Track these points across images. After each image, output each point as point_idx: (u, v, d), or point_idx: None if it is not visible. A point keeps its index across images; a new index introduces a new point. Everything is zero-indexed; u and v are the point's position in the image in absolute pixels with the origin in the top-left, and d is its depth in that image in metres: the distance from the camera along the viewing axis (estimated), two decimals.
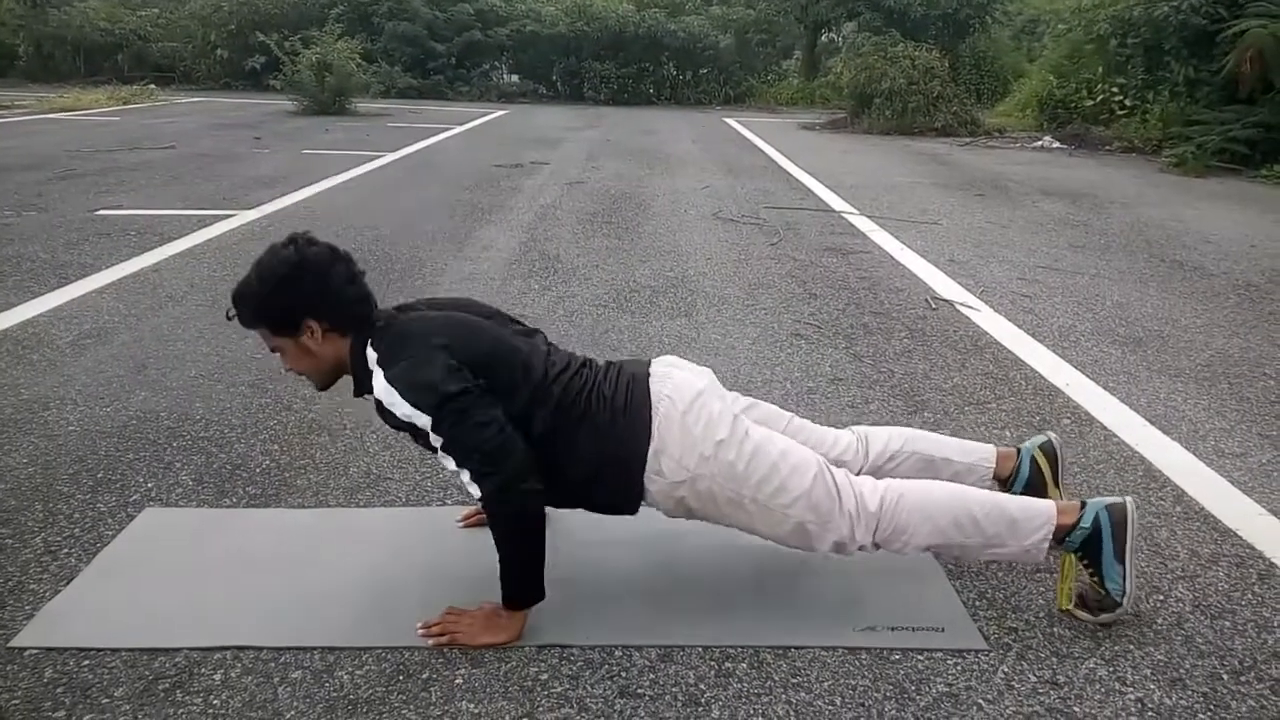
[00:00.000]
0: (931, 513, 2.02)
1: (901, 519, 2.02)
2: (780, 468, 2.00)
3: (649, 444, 1.98)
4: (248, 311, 2.01)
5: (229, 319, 2.05)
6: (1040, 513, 2.04)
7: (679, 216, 6.91)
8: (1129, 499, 2.04)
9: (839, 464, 2.22)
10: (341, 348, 2.02)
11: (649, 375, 2.09)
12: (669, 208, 7.29)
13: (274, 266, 1.97)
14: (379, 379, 1.91)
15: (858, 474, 2.22)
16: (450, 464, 1.88)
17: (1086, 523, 2.01)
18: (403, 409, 1.88)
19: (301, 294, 1.96)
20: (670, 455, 1.98)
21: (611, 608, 2.07)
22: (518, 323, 2.20)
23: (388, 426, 1.98)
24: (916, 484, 2.11)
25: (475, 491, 1.87)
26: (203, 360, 3.59)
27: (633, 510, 2.08)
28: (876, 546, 2.05)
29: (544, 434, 1.96)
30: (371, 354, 1.95)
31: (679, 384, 2.06)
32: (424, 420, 1.86)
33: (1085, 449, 2.98)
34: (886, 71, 14.61)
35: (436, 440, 1.87)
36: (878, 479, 2.19)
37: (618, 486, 2.03)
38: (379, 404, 1.93)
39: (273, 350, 2.07)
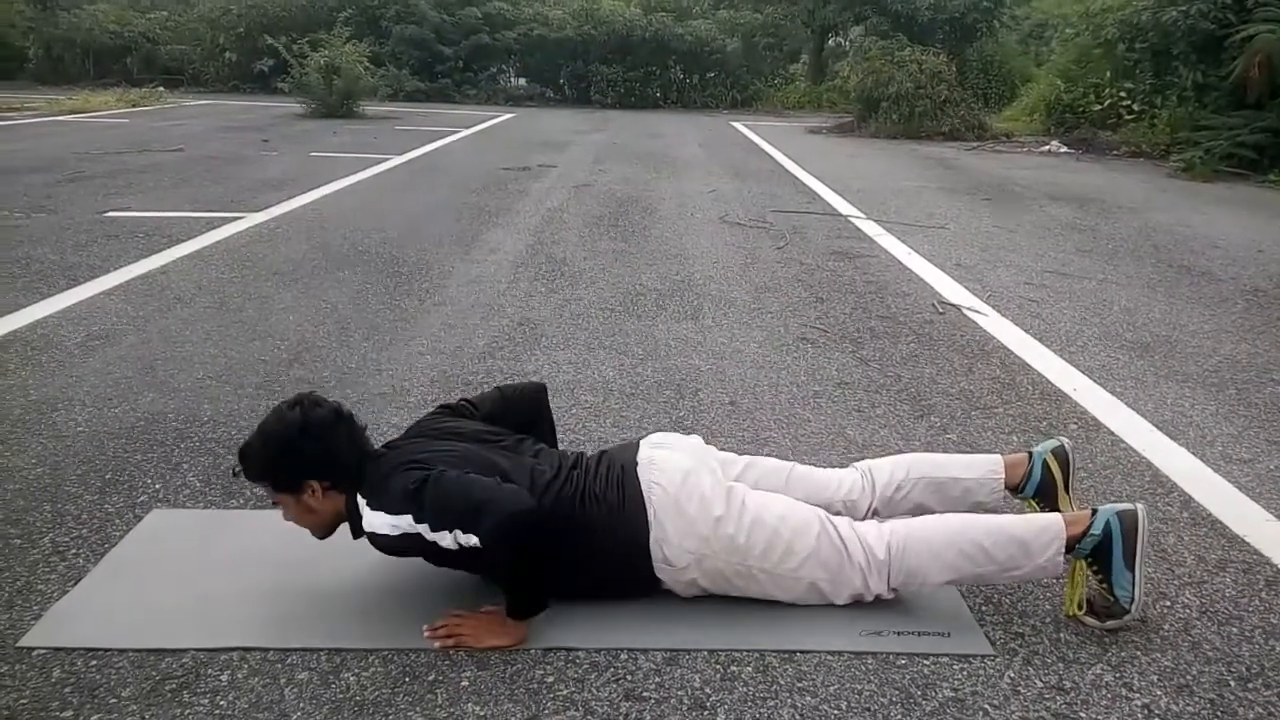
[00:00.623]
0: (938, 550, 2.03)
1: (911, 562, 2.03)
2: (782, 532, 2.02)
3: (649, 535, 2.00)
4: (253, 470, 2.04)
5: (235, 475, 2.09)
6: (1048, 528, 2.04)
7: (686, 220, 6.91)
8: (1140, 506, 2.04)
9: (848, 505, 2.24)
10: (339, 503, 2.05)
11: (636, 464, 2.10)
12: (676, 211, 7.29)
13: (279, 431, 2.01)
14: (367, 514, 1.95)
15: (867, 511, 2.24)
16: (447, 540, 1.87)
17: (1097, 529, 2.01)
18: (385, 523, 1.91)
19: (304, 458, 1.99)
20: (671, 542, 2.00)
21: (617, 611, 2.07)
22: (500, 435, 2.19)
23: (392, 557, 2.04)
24: (920, 524, 2.11)
25: (474, 542, 1.85)
26: (210, 362, 3.60)
27: (654, 591, 2.08)
28: (894, 592, 2.07)
29: (541, 546, 1.95)
30: (362, 500, 1.99)
31: (665, 467, 2.07)
32: (407, 520, 1.89)
33: (1092, 454, 2.98)
34: (893, 75, 14.61)
35: (423, 527, 1.88)
36: (889, 513, 2.21)
37: (629, 580, 2.06)
38: (372, 536, 1.97)
39: (274, 503, 2.10)
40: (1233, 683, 1.89)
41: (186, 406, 3.17)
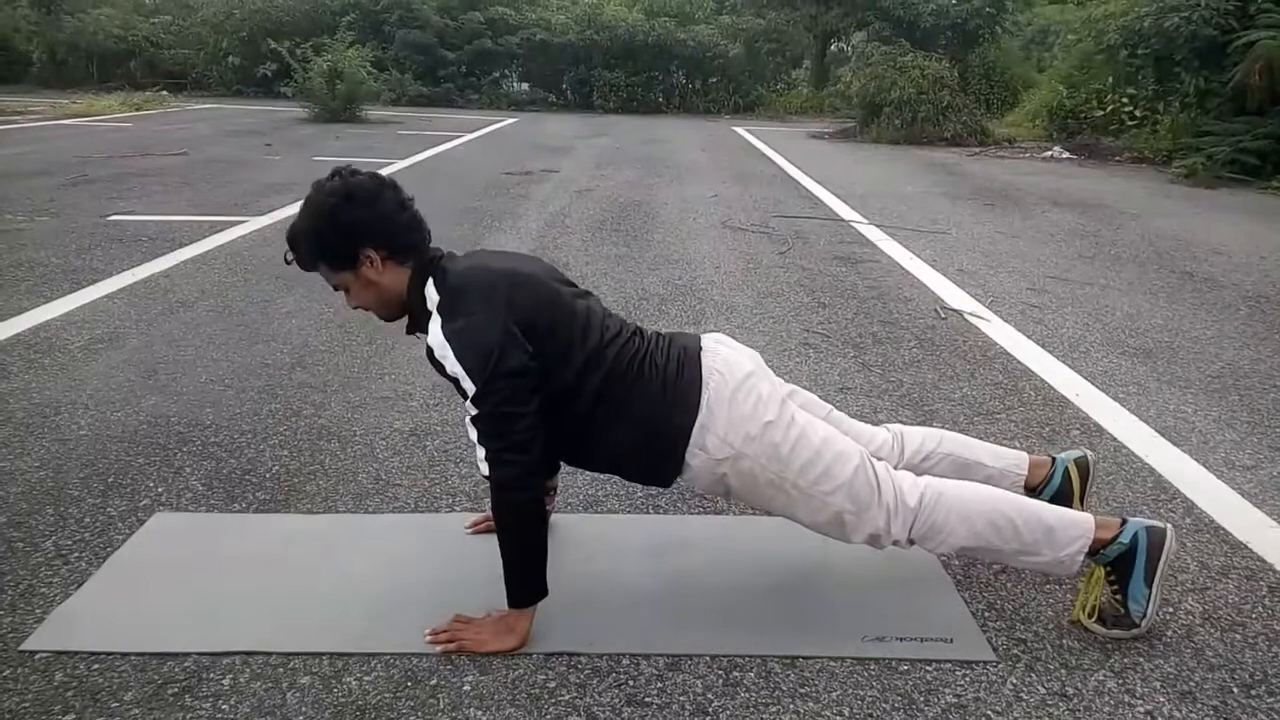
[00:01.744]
0: (969, 514, 2.02)
1: (939, 518, 2.01)
2: (824, 454, 2.00)
3: (696, 417, 1.97)
4: (304, 251, 1.98)
5: (287, 263, 2.02)
6: (1078, 524, 2.03)
7: (688, 225, 6.92)
8: (1170, 527, 2.04)
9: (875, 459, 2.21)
10: (403, 278, 1.99)
11: (700, 349, 2.08)
12: (678, 216, 7.29)
13: (321, 201, 1.94)
14: (435, 327, 1.90)
15: None
16: (473, 433, 1.88)
17: (1125, 539, 2.01)
18: (453, 365, 1.87)
19: (353, 223, 1.92)
20: (716, 431, 1.97)
21: (620, 616, 2.07)
22: (571, 284, 2.16)
23: (436, 375, 1.97)
24: (956, 484, 2.09)
25: (485, 470, 1.88)
26: (213, 365, 3.60)
27: (666, 483, 2.08)
28: (911, 543, 2.05)
29: (595, 397, 1.96)
30: (431, 294, 1.94)
31: (729, 361, 2.05)
32: (469, 385, 1.86)
33: (1096, 462, 2.96)
34: (896, 81, 14.61)
35: (471, 409, 1.87)
36: None
37: (659, 456, 2.01)
38: (430, 350, 1.91)
39: (335, 288, 2.04)
40: (1236, 690, 1.89)
41: (189, 410, 3.17)
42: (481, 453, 1.88)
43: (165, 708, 1.75)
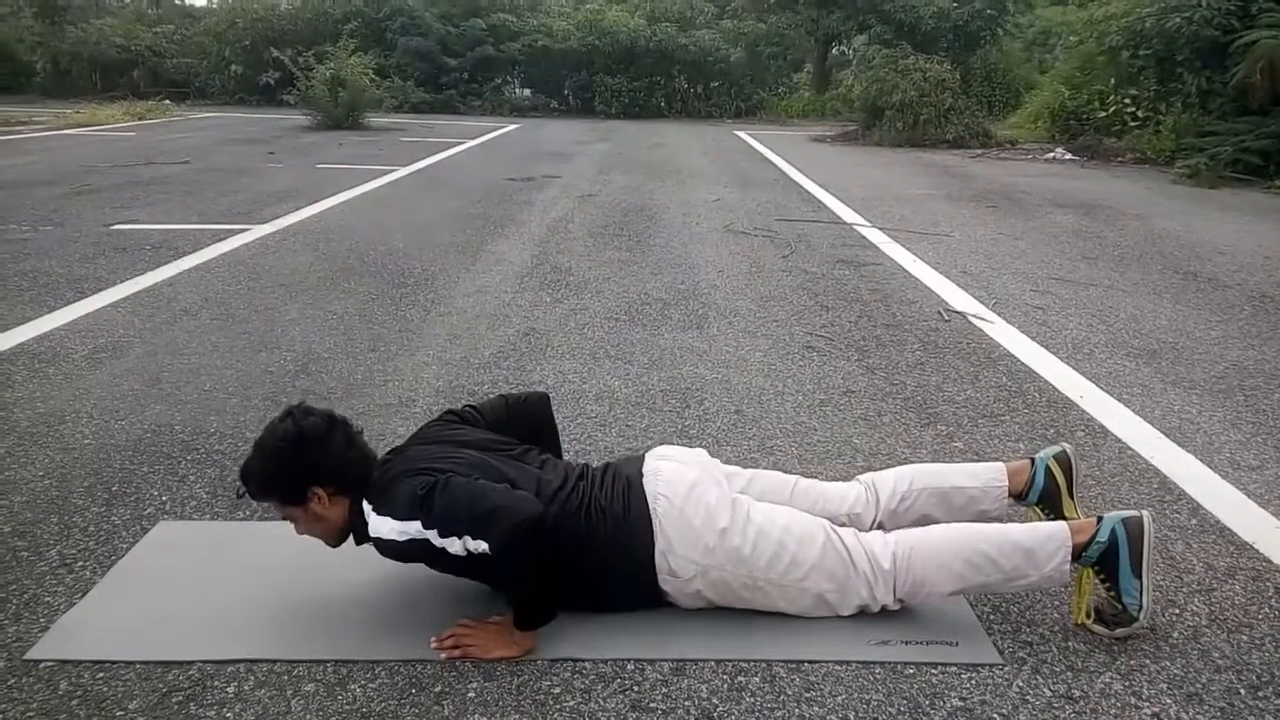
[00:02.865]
0: (944, 560, 2.03)
1: (917, 572, 2.03)
2: (787, 543, 2.02)
3: (654, 547, 2.00)
4: (255, 487, 2.04)
5: (239, 497, 2.10)
6: (1053, 536, 2.03)
7: (690, 229, 6.92)
8: (1145, 512, 2.03)
9: (852, 518, 2.23)
10: (347, 508, 2.05)
11: (642, 475, 2.10)
12: (680, 220, 7.30)
13: (274, 444, 2.01)
14: (373, 518, 1.95)
15: (872, 524, 2.23)
16: (455, 546, 1.88)
17: (1103, 537, 2.00)
18: (392, 529, 1.91)
19: (303, 465, 1.99)
20: (676, 553, 2.00)
21: (624, 622, 2.06)
22: (507, 444, 2.19)
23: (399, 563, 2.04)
24: (925, 534, 2.10)
25: (483, 548, 1.86)
26: (217, 374, 3.61)
27: (660, 603, 2.08)
28: (901, 603, 2.07)
29: (552, 554, 1.95)
30: (367, 506, 1.99)
31: (671, 479, 2.07)
32: (415, 526, 1.89)
33: (1100, 462, 2.97)
34: (898, 84, 14.61)
35: (431, 533, 1.88)
36: (894, 525, 2.21)
37: (635, 592, 2.05)
38: (378, 542, 1.97)
39: (284, 518, 2.10)
40: (1243, 691, 1.88)
41: (193, 418, 3.17)
42: (468, 544, 1.86)
43: (170, 716, 1.75)
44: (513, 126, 17.34)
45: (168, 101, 19.23)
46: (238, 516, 2.53)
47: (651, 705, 1.81)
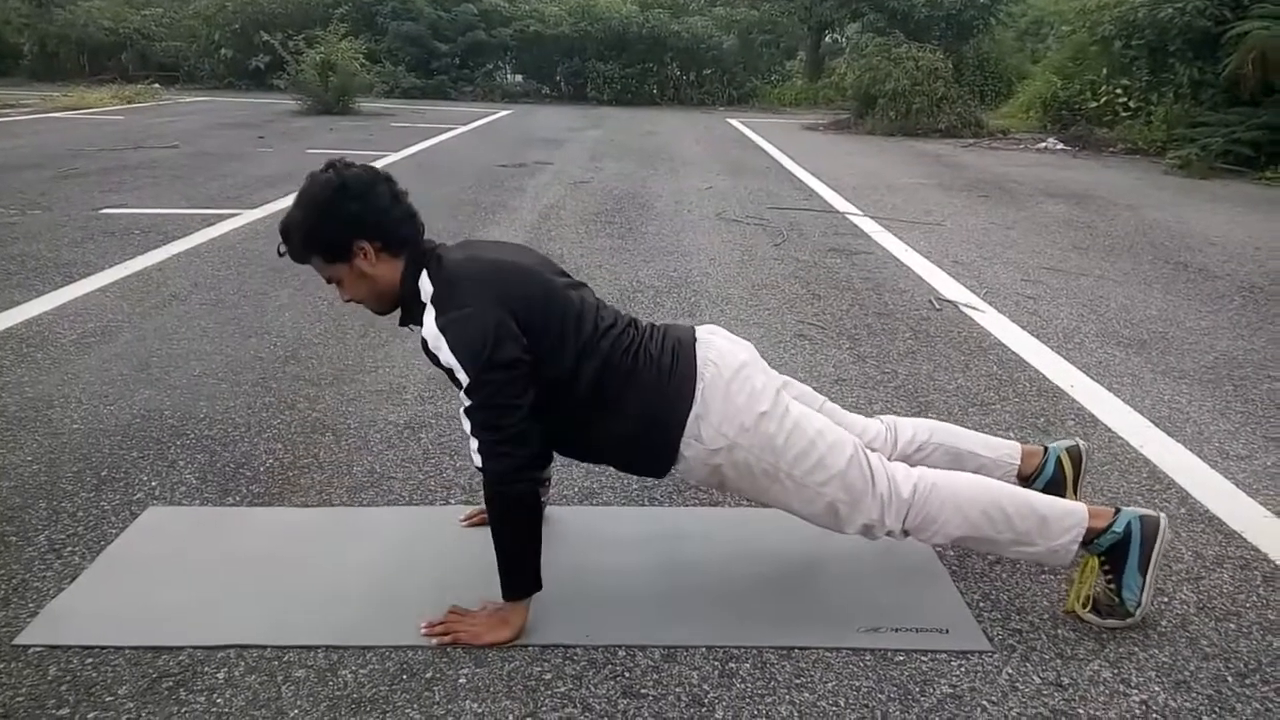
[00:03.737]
0: (963, 504, 2.02)
1: (933, 508, 2.01)
2: (818, 445, 2.00)
3: (691, 408, 1.97)
4: (297, 242, 1.96)
5: (280, 255, 2.01)
6: (1072, 513, 2.03)
7: (682, 217, 6.91)
8: (1164, 516, 2.04)
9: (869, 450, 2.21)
10: (396, 270, 1.98)
11: (695, 340, 2.08)
12: (672, 208, 7.28)
13: (315, 193, 1.93)
14: (430, 319, 1.90)
15: None
16: (467, 425, 1.88)
17: (1119, 527, 2.01)
18: (446, 356, 1.86)
19: (347, 215, 1.91)
20: (710, 422, 1.97)
21: (615, 608, 2.06)
22: (566, 275, 2.16)
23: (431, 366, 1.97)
24: (949, 475, 2.10)
25: (479, 462, 1.87)
26: (206, 359, 3.59)
27: (661, 474, 2.08)
28: (905, 534, 2.05)
29: (590, 388, 1.96)
30: (425, 285, 1.93)
31: (724, 352, 2.05)
32: (463, 376, 1.85)
33: (1090, 451, 2.97)
34: (890, 73, 14.60)
35: (465, 400, 1.87)
36: None
37: (653, 447, 2.02)
38: (424, 342, 1.92)
39: (329, 280, 2.02)
40: (1230, 678, 1.89)
41: (182, 403, 3.16)
42: (475, 444, 1.87)
43: (160, 702, 1.74)
44: (504, 112, 17.28)
45: (157, 85, 19.08)
46: (227, 502, 2.52)
47: (642, 691, 1.81)
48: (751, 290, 4.85)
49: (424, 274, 1.95)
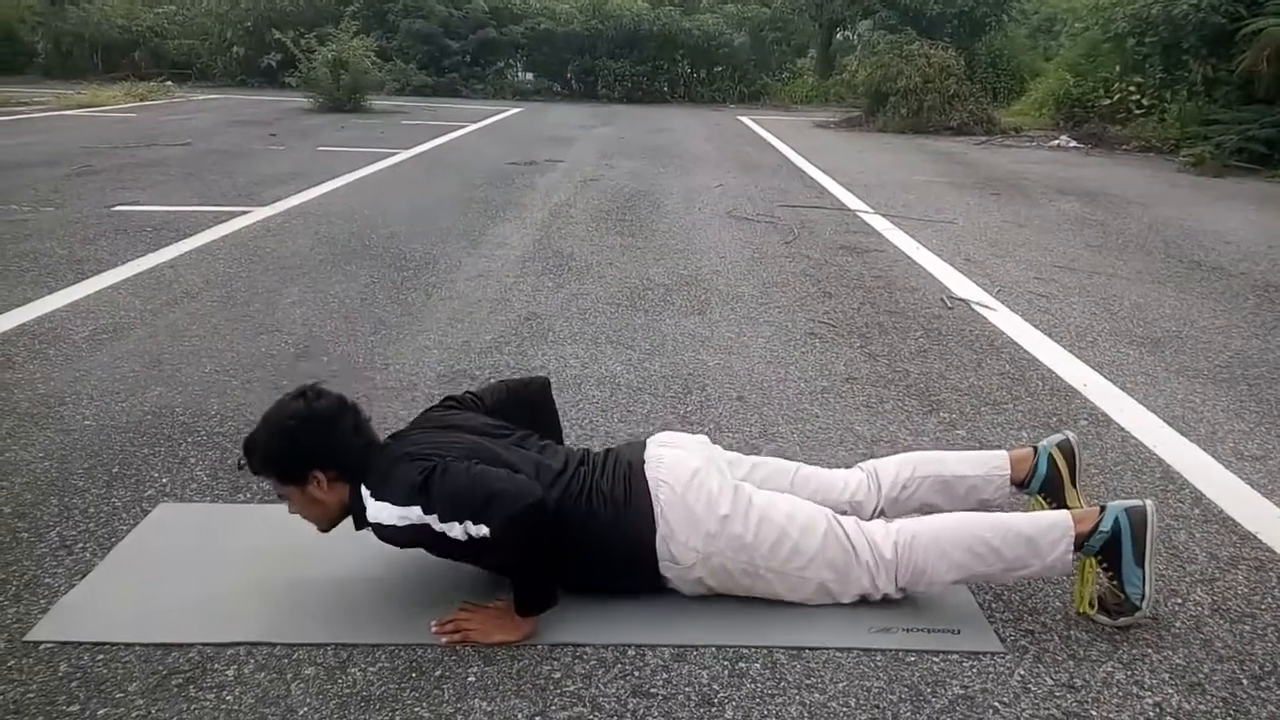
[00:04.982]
0: (946, 549, 2.02)
1: (919, 561, 2.02)
2: (789, 531, 2.01)
3: (655, 533, 1.99)
4: (257, 462, 2.03)
5: (239, 468, 2.07)
6: (1056, 525, 2.02)
7: (693, 215, 6.89)
8: (1149, 502, 2.02)
9: (854, 505, 2.22)
10: (345, 493, 2.03)
11: (644, 462, 2.09)
12: (683, 206, 7.27)
13: (282, 420, 1.99)
14: (371, 504, 1.94)
15: (874, 512, 2.22)
16: (456, 531, 1.87)
17: (1106, 526, 1.99)
18: (391, 514, 1.90)
19: (308, 447, 1.98)
20: (678, 540, 1.99)
21: (625, 607, 2.06)
22: (507, 430, 2.18)
23: (396, 549, 2.03)
24: (927, 522, 2.09)
25: (484, 533, 1.85)
26: (218, 356, 3.60)
27: (659, 589, 2.07)
28: (903, 591, 2.06)
29: (550, 539, 1.94)
30: (365, 491, 1.97)
31: (673, 466, 2.06)
32: (415, 511, 1.88)
33: (1103, 450, 2.96)
34: (902, 70, 14.54)
35: (432, 518, 1.87)
36: (895, 513, 2.20)
37: (636, 577, 2.05)
38: (377, 528, 1.96)
39: (279, 496, 2.08)
40: (1245, 681, 1.88)
41: (194, 400, 3.17)
42: (469, 528, 1.85)
43: (169, 698, 1.75)
44: (515, 110, 17.28)
45: (169, 83, 19.11)
46: (238, 499, 2.53)
47: (652, 690, 1.81)
48: (762, 288, 4.84)
49: (362, 487, 1.98)
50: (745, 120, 16.54)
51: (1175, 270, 5.51)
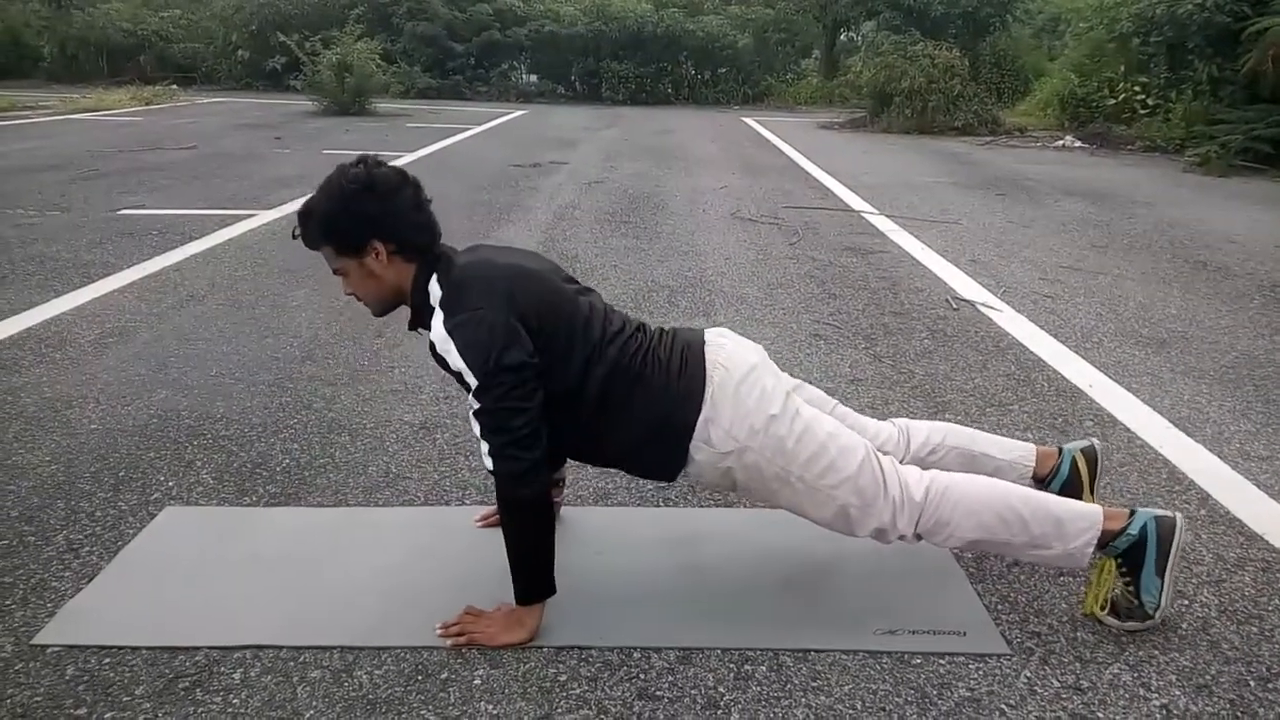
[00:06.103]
0: (976, 507, 2.00)
1: (945, 511, 2.00)
2: (829, 448, 1.99)
3: (700, 411, 1.96)
4: (314, 228, 1.97)
5: (294, 237, 2.02)
6: (1086, 515, 2.01)
7: (697, 216, 6.89)
8: (1179, 515, 2.01)
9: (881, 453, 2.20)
10: (405, 274, 1.99)
11: (704, 344, 2.07)
12: (687, 207, 7.27)
13: (342, 185, 1.93)
14: (438, 322, 1.90)
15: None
16: (476, 428, 1.88)
17: (1134, 529, 1.98)
18: (455, 360, 1.87)
19: (368, 213, 1.92)
20: (720, 425, 1.96)
21: (630, 609, 2.06)
22: (574, 281, 2.16)
23: (440, 369, 1.99)
24: (962, 477, 2.08)
25: (490, 465, 1.88)
26: (224, 359, 3.61)
27: (671, 478, 2.07)
28: (918, 537, 2.03)
29: (598, 393, 1.95)
30: (435, 289, 1.94)
31: (733, 354, 2.04)
32: (471, 379, 1.86)
33: (1109, 451, 2.93)
34: (906, 70, 14.53)
35: (474, 404, 1.87)
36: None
37: (663, 450, 2.00)
38: (433, 345, 1.93)
39: (335, 272, 2.03)
40: (1252, 682, 1.87)
41: (200, 404, 3.17)
42: (485, 447, 1.88)
43: (176, 702, 1.75)
44: (519, 112, 17.30)
45: (175, 86, 19.18)
46: (245, 503, 2.53)
47: (658, 693, 1.81)
48: (767, 290, 4.84)
49: (433, 278, 1.96)
50: (749, 121, 16.54)
51: (1181, 270, 5.50)
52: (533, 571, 1.93)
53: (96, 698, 1.75)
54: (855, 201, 7.71)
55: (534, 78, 23.04)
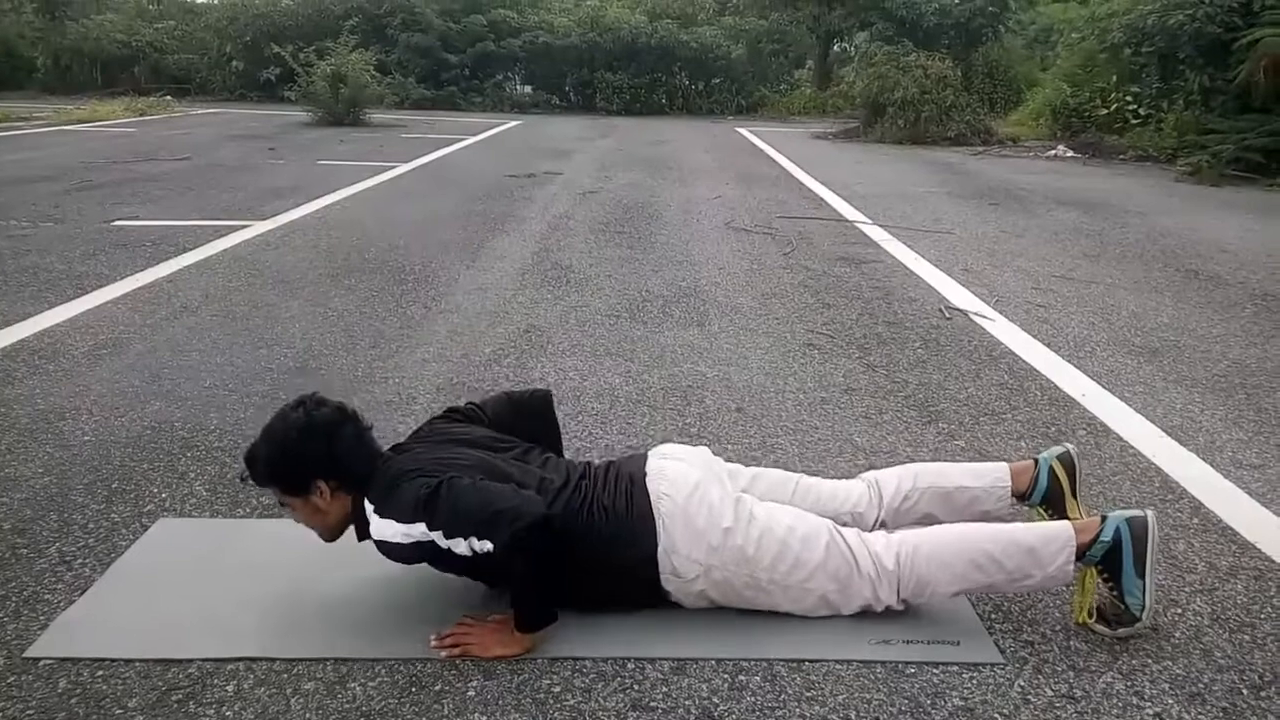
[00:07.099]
0: (947, 560, 2.02)
1: (921, 572, 2.02)
2: (790, 544, 2.01)
3: (657, 546, 1.99)
4: (260, 473, 2.04)
5: (242, 481, 2.09)
6: (1057, 535, 2.02)
7: (691, 226, 6.91)
8: (1150, 512, 2.03)
9: (855, 517, 2.22)
10: (348, 503, 2.04)
11: (645, 474, 2.09)
12: (681, 218, 7.29)
13: (284, 432, 2.00)
14: (375, 522, 1.94)
15: (875, 523, 2.22)
16: (461, 547, 1.86)
17: (1107, 536, 2.00)
18: (395, 531, 1.90)
19: (310, 456, 1.99)
20: (680, 552, 1.99)
21: (624, 620, 2.06)
22: (509, 443, 2.19)
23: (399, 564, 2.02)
24: (929, 534, 2.10)
25: (488, 548, 1.84)
26: (217, 371, 3.60)
27: (660, 604, 2.07)
28: (905, 604, 2.06)
29: (556, 555, 1.94)
30: (368, 505, 1.97)
31: (675, 479, 2.06)
32: (420, 528, 1.88)
33: (1101, 460, 2.96)
34: (899, 81, 14.59)
35: (436, 534, 1.87)
36: (896, 524, 2.20)
37: (639, 588, 2.04)
38: (381, 544, 1.96)
39: (282, 505, 2.09)
40: (1245, 691, 1.88)
41: (193, 415, 3.17)
42: (474, 544, 1.84)
43: (169, 714, 1.74)
44: (514, 123, 17.33)
45: (169, 98, 19.19)
46: (238, 514, 2.53)
47: (652, 704, 1.80)
48: (760, 299, 4.85)
49: (366, 498, 1.98)
50: (743, 132, 16.58)
51: (1173, 279, 5.52)
52: (540, 603, 1.93)
53: (89, 711, 1.75)
54: (849, 211, 7.73)
55: (528, 88, 23.09)
